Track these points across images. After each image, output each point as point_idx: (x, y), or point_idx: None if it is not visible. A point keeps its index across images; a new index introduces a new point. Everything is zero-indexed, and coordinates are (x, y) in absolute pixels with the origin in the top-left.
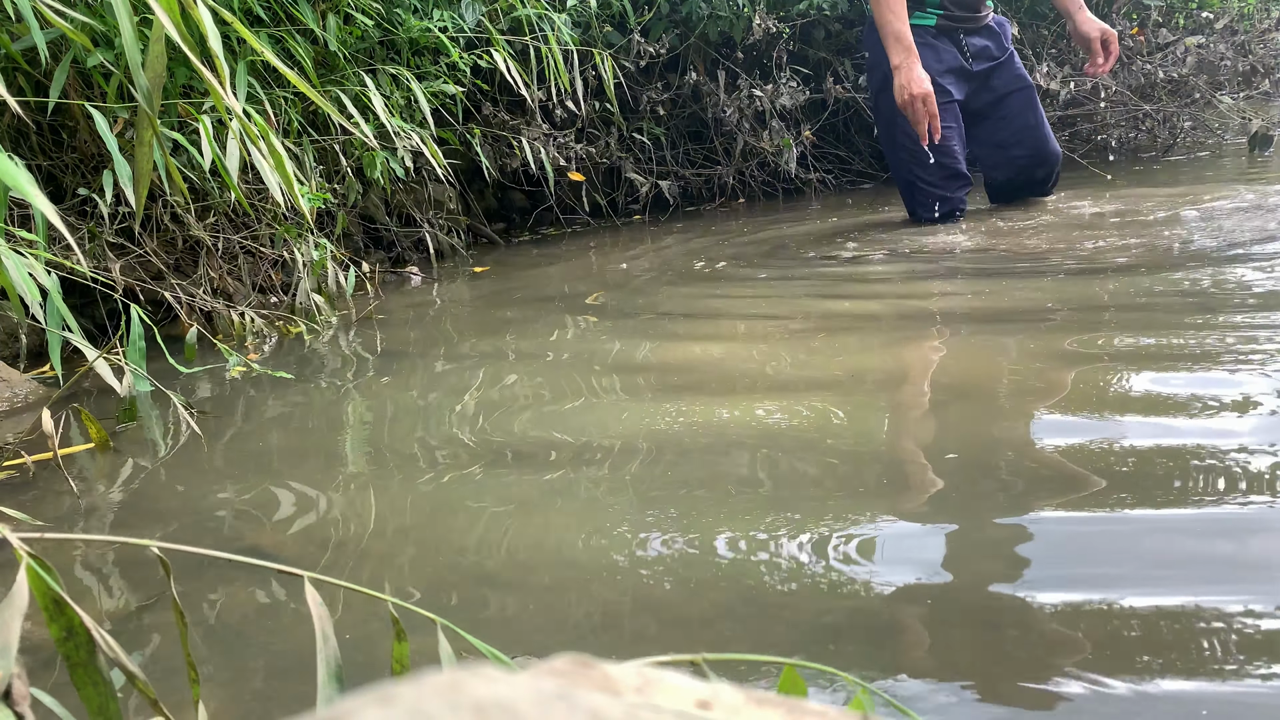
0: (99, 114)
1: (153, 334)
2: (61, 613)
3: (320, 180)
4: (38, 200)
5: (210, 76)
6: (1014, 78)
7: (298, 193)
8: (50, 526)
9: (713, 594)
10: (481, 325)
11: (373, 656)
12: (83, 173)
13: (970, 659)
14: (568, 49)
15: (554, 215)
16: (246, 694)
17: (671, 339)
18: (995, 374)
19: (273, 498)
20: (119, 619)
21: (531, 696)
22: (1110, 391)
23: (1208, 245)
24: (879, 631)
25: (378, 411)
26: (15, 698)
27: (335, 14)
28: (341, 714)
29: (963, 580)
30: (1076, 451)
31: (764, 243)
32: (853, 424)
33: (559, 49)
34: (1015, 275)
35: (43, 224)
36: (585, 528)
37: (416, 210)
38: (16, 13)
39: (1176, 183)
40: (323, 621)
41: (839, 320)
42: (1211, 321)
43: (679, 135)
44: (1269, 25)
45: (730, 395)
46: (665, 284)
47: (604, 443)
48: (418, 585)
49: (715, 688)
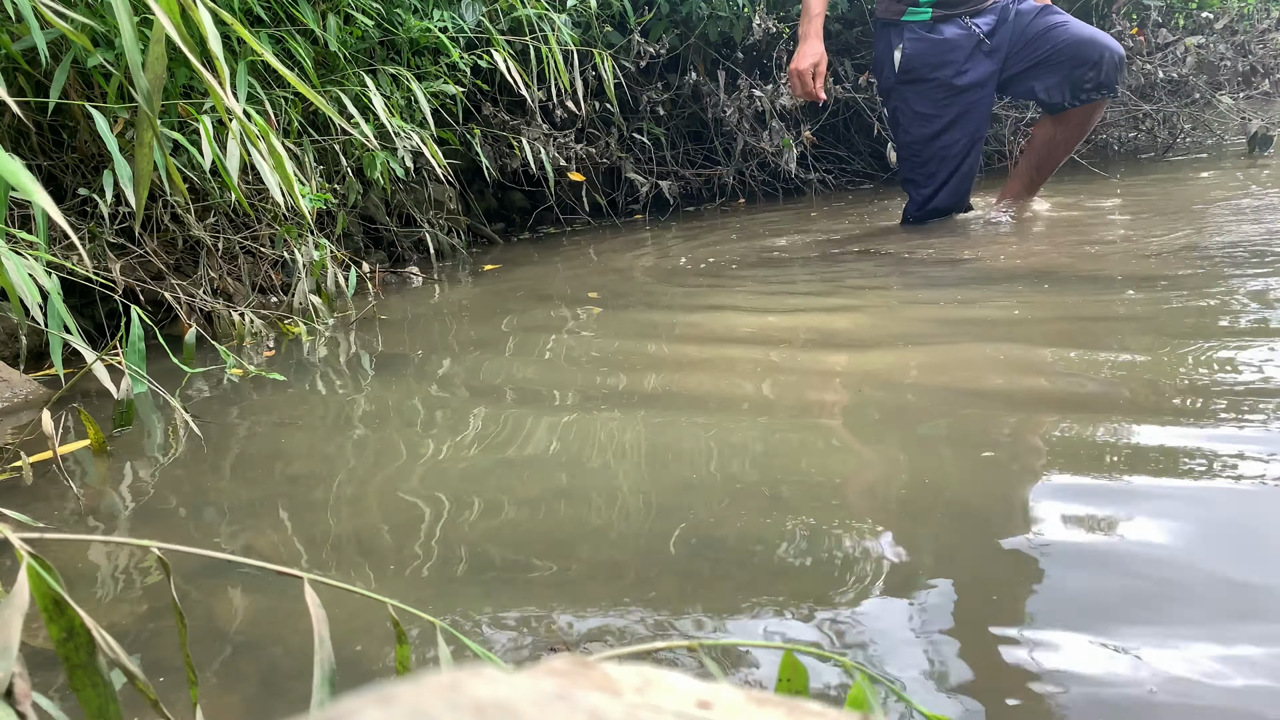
0: (99, 114)
1: (153, 334)
2: (62, 613)
3: (320, 180)
4: (39, 198)
5: (210, 77)
6: (1032, 11)
7: (298, 193)
8: (50, 527)
9: (715, 586)
10: (481, 326)
11: (374, 658)
12: (83, 173)
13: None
14: (568, 49)
15: (554, 215)
16: (245, 695)
17: (672, 339)
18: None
19: (272, 499)
20: (118, 620)
21: (531, 696)
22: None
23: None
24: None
25: (376, 412)
26: (17, 696)
27: (335, 14)
28: (341, 714)
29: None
30: (1064, 463)
31: (764, 243)
32: (849, 422)
33: (559, 49)
34: (992, 284)
35: (43, 224)
36: (584, 527)
37: (416, 210)
38: (16, 13)
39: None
40: (320, 623)
41: (839, 320)
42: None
43: (679, 135)
44: (1269, 25)
45: (730, 396)
46: (666, 284)
47: (603, 443)
48: (419, 586)
49: (715, 687)
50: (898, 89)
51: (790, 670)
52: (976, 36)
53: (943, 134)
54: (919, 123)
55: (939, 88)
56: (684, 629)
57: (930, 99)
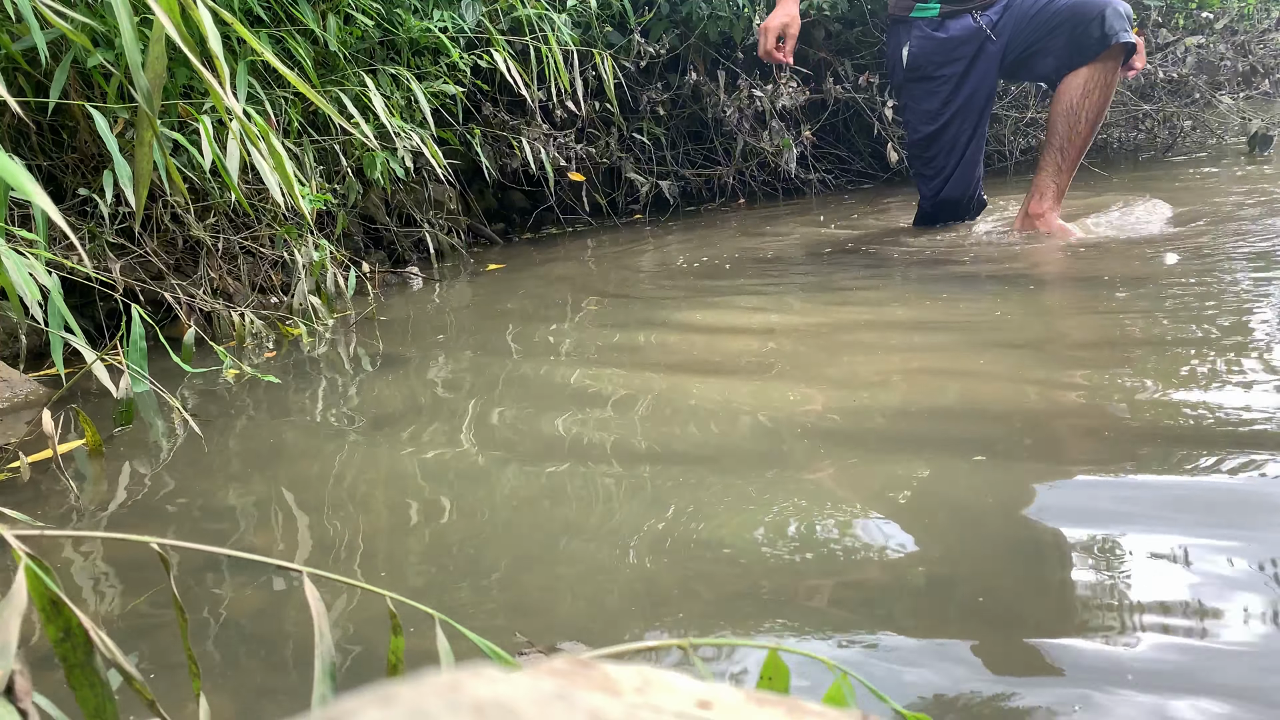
0: (99, 114)
1: (153, 334)
2: (59, 613)
3: (320, 180)
4: (39, 199)
5: (210, 77)
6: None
7: (298, 193)
8: (49, 526)
9: (716, 582)
10: (481, 326)
11: (376, 653)
12: (83, 173)
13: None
14: (568, 49)
15: (554, 215)
16: (246, 691)
17: (671, 339)
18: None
19: (272, 499)
20: (117, 619)
21: (531, 696)
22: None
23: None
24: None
25: (375, 413)
26: (18, 693)
27: (335, 14)
28: (341, 714)
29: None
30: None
31: (764, 243)
32: (848, 423)
33: (559, 49)
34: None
35: (43, 224)
36: (585, 525)
37: (416, 210)
38: (16, 13)
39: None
40: (320, 618)
41: (838, 320)
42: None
43: (679, 135)
44: (1269, 25)
45: (730, 396)
46: (665, 284)
47: (604, 443)
48: (418, 581)
49: (716, 688)
50: (906, 87)
51: (773, 669)
52: (984, 33)
53: (948, 127)
54: (926, 120)
55: (944, 83)
56: (677, 627)
57: (936, 95)
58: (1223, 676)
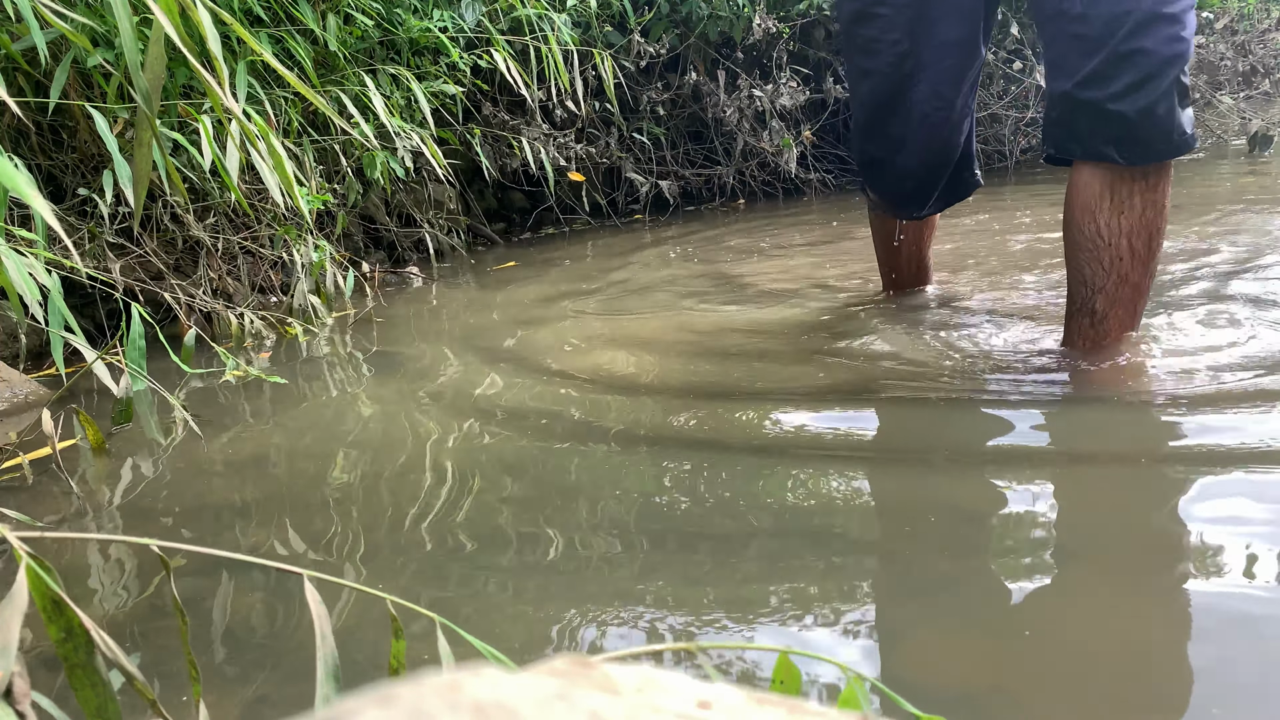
0: (99, 114)
1: (153, 334)
2: (60, 613)
3: (320, 180)
4: (36, 201)
5: (209, 77)
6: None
7: (297, 193)
8: (50, 526)
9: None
10: (480, 326)
11: (377, 655)
12: (83, 173)
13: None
14: (568, 49)
15: (554, 215)
16: (246, 692)
17: (671, 338)
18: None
19: (271, 498)
20: (118, 620)
21: (531, 696)
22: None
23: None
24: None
25: (375, 412)
26: (16, 695)
27: (335, 14)
28: (341, 714)
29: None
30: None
31: (764, 242)
32: (847, 420)
33: (559, 49)
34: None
35: (43, 224)
36: (583, 526)
37: (416, 210)
38: (16, 13)
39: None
40: (322, 620)
41: (837, 319)
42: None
43: (679, 135)
44: (1269, 25)
45: (730, 396)
46: (665, 283)
47: (603, 444)
48: (419, 583)
49: (716, 688)
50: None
51: (784, 672)
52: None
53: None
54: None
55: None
56: (681, 626)
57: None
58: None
